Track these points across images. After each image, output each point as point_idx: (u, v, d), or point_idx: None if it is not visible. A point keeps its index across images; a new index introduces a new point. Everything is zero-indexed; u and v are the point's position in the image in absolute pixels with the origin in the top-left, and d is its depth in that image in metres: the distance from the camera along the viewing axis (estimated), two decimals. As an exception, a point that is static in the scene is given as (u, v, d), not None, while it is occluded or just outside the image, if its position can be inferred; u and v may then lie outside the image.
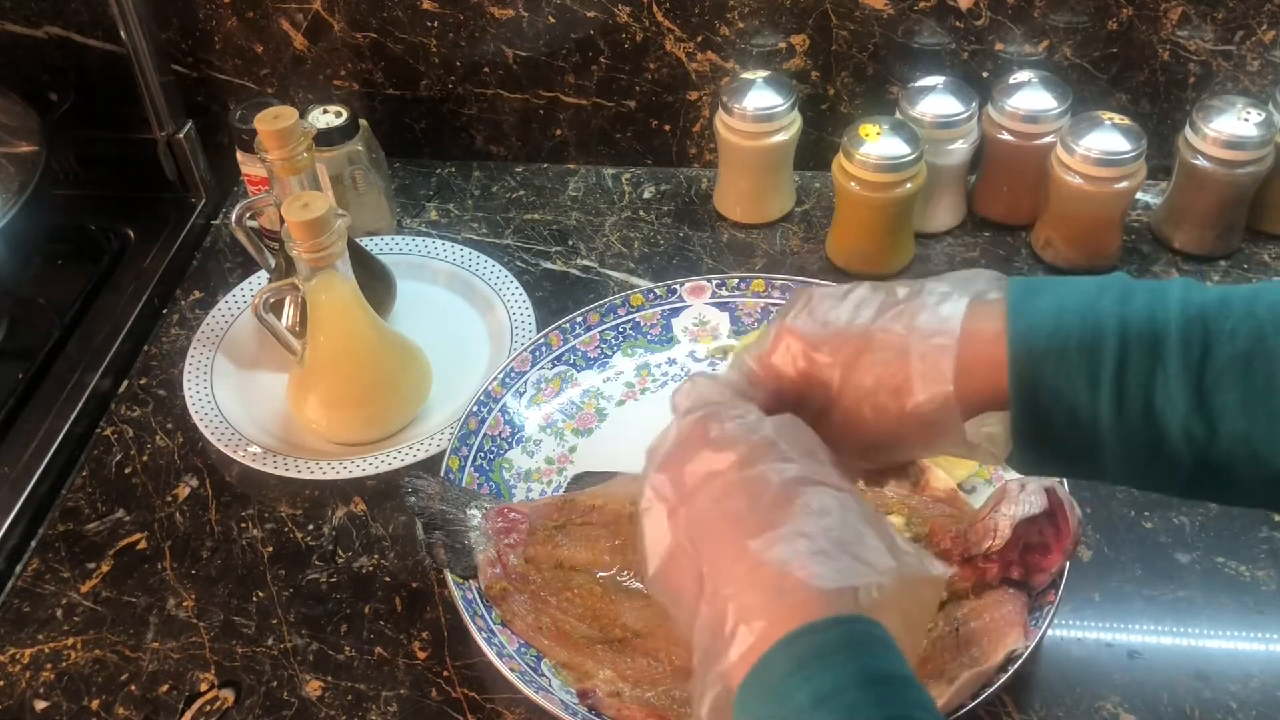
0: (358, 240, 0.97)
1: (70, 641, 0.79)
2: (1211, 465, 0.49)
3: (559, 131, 1.14)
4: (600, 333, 0.93)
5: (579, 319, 0.93)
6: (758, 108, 1.00)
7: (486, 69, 1.10)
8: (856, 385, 0.54)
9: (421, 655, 0.77)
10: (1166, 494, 0.53)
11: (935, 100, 0.99)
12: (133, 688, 0.76)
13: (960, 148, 1.00)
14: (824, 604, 0.46)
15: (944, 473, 0.79)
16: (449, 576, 0.75)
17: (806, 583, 0.46)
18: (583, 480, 0.84)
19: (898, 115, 0.99)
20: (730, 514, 0.49)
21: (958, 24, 1.02)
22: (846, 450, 0.56)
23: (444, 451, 0.84)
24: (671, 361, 0.93)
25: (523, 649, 0.73)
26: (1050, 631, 0.72)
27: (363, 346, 0.87)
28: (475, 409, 0.87)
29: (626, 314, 0.94)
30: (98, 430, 0.93)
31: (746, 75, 1.02)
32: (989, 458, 0.55)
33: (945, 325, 0.52)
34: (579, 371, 0.92)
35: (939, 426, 0.53)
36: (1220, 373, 0.47)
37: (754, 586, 0.47)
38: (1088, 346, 0.49)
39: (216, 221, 1.12)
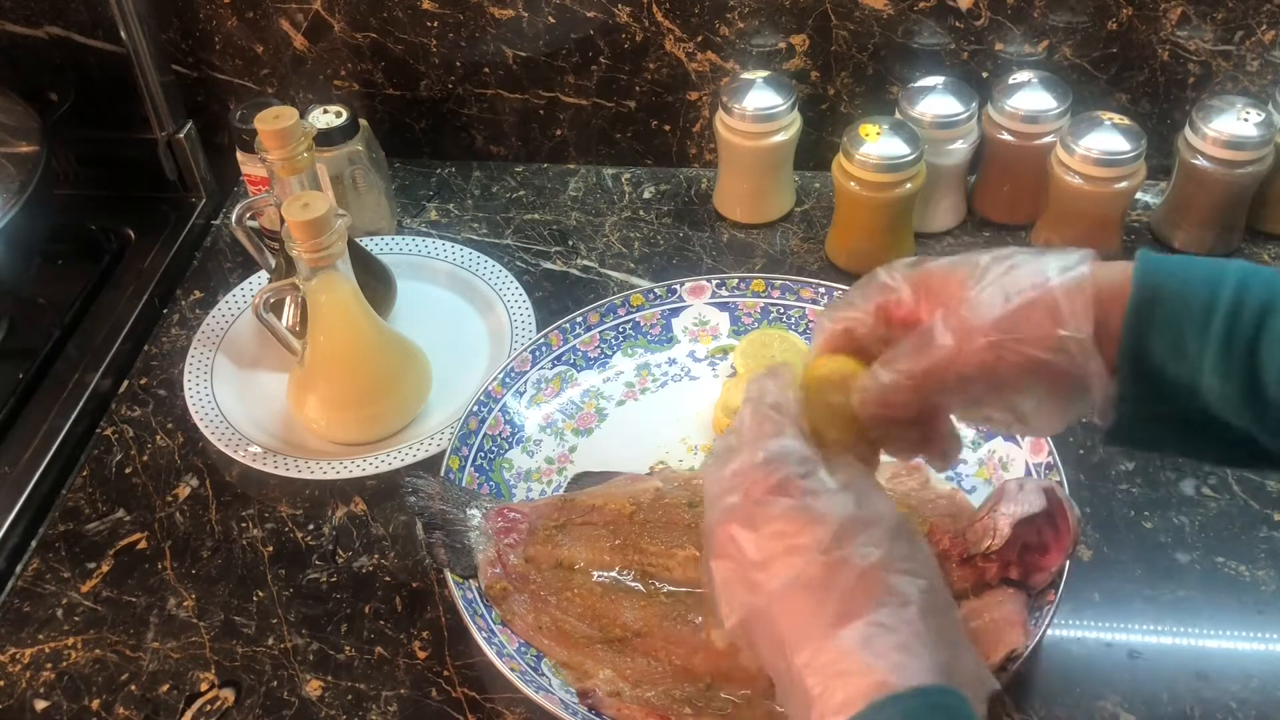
0: (358, 240, 0.97)
1: (70, 641, 0.79)
2: None
3: (559, 131, 1.14)
4: (600, 333, 0.93)
5: (579, 319, 0.93)
6: (758, 108, 1.00)
7: (486, 69, 1.10)
8: (991, 330, 0.54)
9: (421, 655, 0.77)
10: (1248, 465, 0.57)
11: (935, 100, 0.99)
12: (133, 688, 0.76)
13: (960, 148, 1.00)
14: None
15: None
16: (449, 576, 0.75)
17: (888, 678, 0.47)
18: (583, 480, 0.84)
19: (898, 115, 1.00)
20: (813, 596, 0.50)
21: (958, 24, 1.02)
22: (958, 396, 0.57)
23: (444, 451, 0.84)
24: (671, 361, 0.93)
25: (523, 649, 0.73)
26: (1050, 631, 0.72)
27: (363, 346, 0.87)
28: (475, 409, 0.87)
29: (626, 314, 0.94)
30: (98, 430, 0.93)
31: (746, 75, 1.02)
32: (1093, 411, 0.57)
33: (1079, 276, 0.54)
34: (579, 371, 0.92)
35: (1071, 374, 0.54)
36: None
37: (836, 677, 0.48)
38: (1210, 280, 0.52)
39: (216, 221, 1.12)
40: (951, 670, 0.49)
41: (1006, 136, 1.00)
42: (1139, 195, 1.02)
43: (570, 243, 1.07)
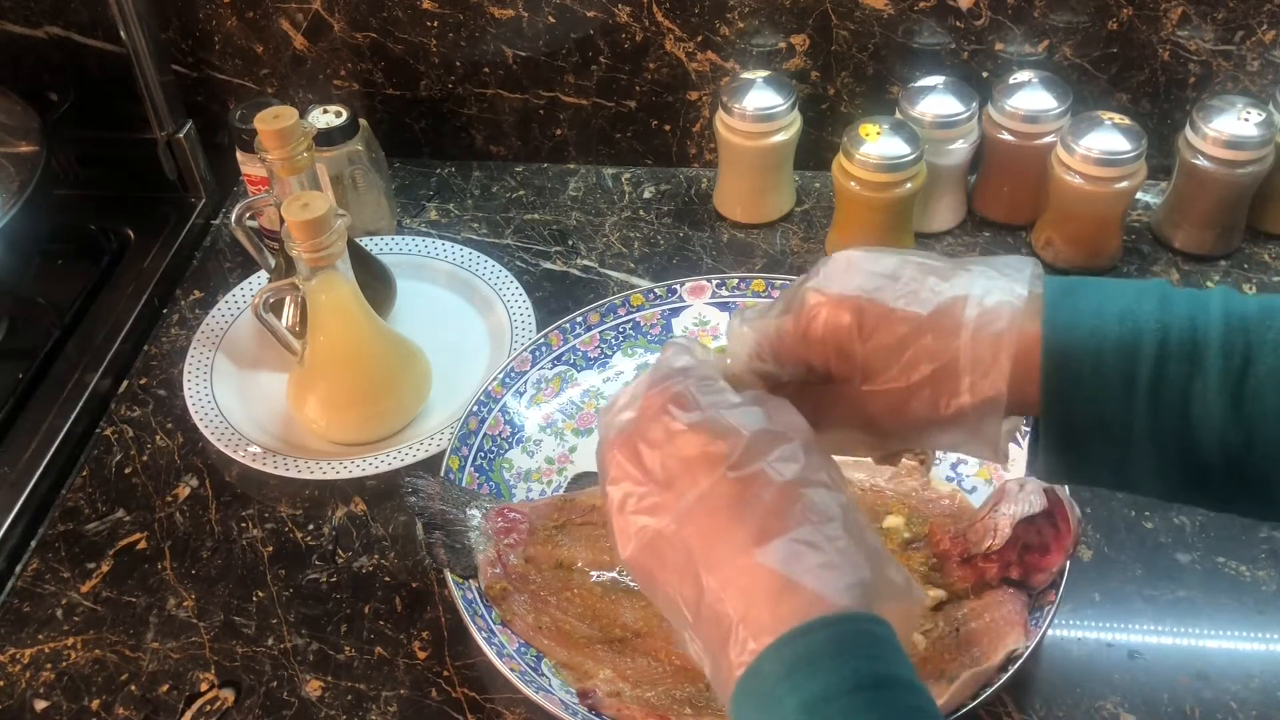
0: (358, 240, 0.97)
1: (70, 641, 0.79)
2: (1246, 477, 0.48)
3: (559, 131, 1.14)
4: (600, 333, 0.93)
5: (579, 319, 0.93)
6: (758, 108, 1.00)
7: (486, 69, 1.10)
8: (892, 372, 0.51)
9: (421, 655, 0.77)
10: (1199, 507, 0.51)
11: (935, 100, 0.99)
12: (133, 688, 0.76)
13: (960, 148, 1.00)
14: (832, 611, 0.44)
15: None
16: (449, 576, 0.75)
17: (819, 594, 0.44)
18: (582, 480, 0.84)
19: (898, 115, 0.99)
20: (728, 513, 0.47)
21: (958, 24, 1.02)
22: (862, 430, 0.54)
23: (444, 451, 0.84)
24: (671, 361, 0.93)
25: (523, 649, 0.73)
26: (1050, 631, 0.72)
27: (363, 346, 0.87)
28: (475, 409, 0.87)
29: (626, 314, 0.94)
30: (98, 430, 0.93)
31: (746, 75, 1.02)
32: (1004, 458, 0.54)
33: (997, 326, 0.49)
34: (579, 371, 0.92)
35: (976, 429, 0.51)
36: (1261, 382, 0.46)
37: (760, 597, 0.45)
38: (1125, 350, 0.47)
39: (216, 221, 1.12)
40: (878, 588, 0.46)
41: (1007, 136, 1.00)
42: (1139, 195, 1.02)
43: (570, 243, 1.07)
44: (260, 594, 0.81)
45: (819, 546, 0.46)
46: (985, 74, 1.05)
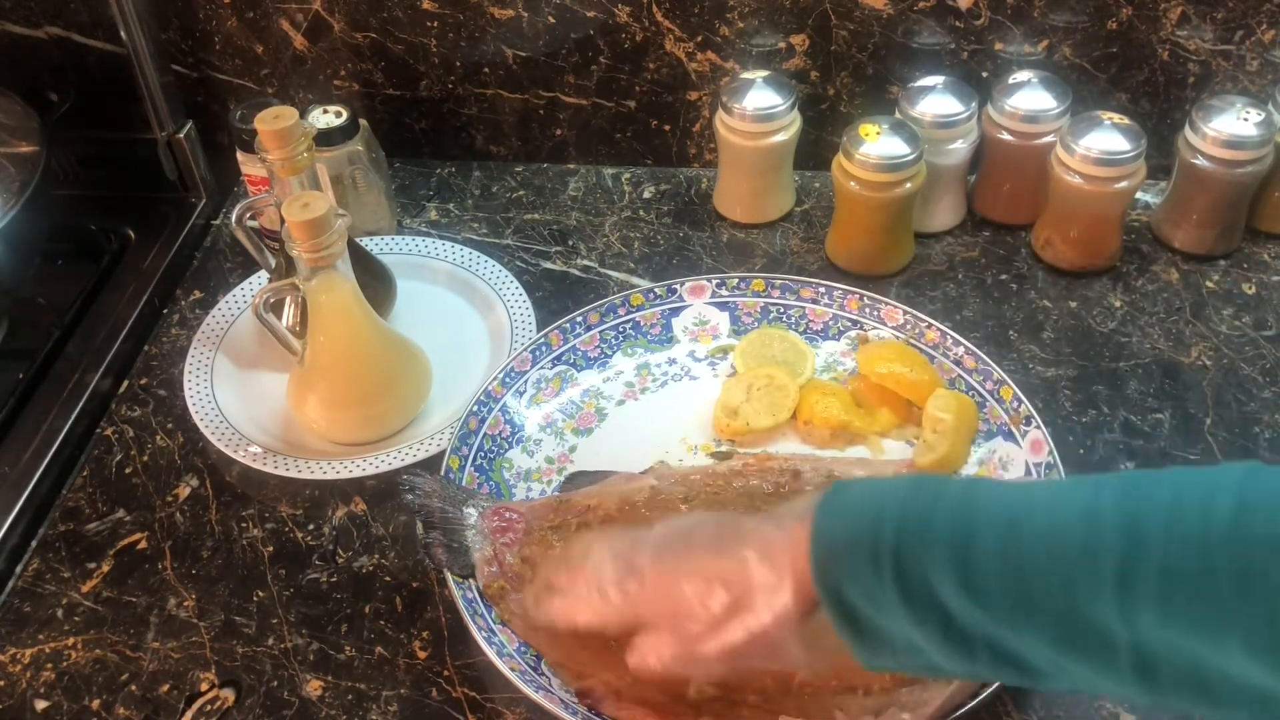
0: (358, 240, 0.97)
1: (71, 641, 0.79)
2: (1005, 649, 0.50)
3: (559, 131, 1.14)
4: (600, 332, 0.93)
5: (579, 319, 0.93)
6: (758, 108, 1.00)
7: (486, 69, 1.10)
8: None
9: (422, 655, 0.77)
10: (1009, 683, 0.56)
11: (935, 100, 0.99)
12: (133, 688, 0.76)
13: (960, 148, 1.00)
14: None
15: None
16: (449, 576, 0.75)
17: None
18: (577, 480, 0.84)
19: (897, 115, 1.00)
20: None
21: (957, 24, 1.02)
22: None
23: (444, 451, 0.84)
24: (671, 361, 0.93)
25: (523, 648, 0.73)
26: (1050, 631, 0.72)
27: (363, 346, 0.87)
28: (475, 409, 0.87)
29: (626, 314, 0.94)
30: (98, 430, 0.93)
31: (746, 75, 1.02)
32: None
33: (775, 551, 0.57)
34: (579, 371, 0.92)
35: (804, 637, 0.57)
36: (981, 559, 0.49)
37: None
38: (869, 542, 0.52)
39: (216, 221, 1.12)
40: None
41: (1006, 136, 1.00)
42: (1139, 195, 1.02)
43: (570, 243, 1.07)
44: (260, 594, 0.81)
45: None
46: (985, 74, 1.05)
